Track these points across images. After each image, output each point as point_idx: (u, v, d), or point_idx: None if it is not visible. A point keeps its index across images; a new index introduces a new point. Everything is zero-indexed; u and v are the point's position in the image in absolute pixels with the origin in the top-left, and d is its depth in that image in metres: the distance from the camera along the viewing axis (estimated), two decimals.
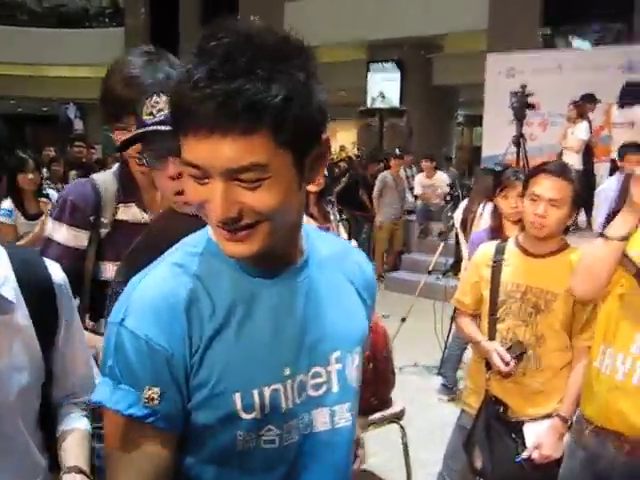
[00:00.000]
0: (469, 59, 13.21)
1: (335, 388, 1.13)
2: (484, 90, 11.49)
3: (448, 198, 6.88)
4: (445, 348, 5.61)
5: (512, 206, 3.24)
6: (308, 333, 1.10)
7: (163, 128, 1.47)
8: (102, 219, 1.87)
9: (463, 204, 5.04)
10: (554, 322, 2.42)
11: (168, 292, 1.02)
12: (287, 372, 1.07)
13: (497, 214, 3.31)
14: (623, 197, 2.01)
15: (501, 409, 2.46)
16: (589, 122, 8.31)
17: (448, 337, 5.60)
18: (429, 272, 6.44)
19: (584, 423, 2.17)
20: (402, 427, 3.74)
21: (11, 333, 1.31)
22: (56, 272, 1.42)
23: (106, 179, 1.93)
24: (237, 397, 1.03)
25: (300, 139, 0.96)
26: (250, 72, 0.89)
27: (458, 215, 5.03)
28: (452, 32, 14.41)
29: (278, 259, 1.08)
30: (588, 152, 8.30)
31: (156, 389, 0.99)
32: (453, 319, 5.63)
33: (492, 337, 2.49)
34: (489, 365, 2.49)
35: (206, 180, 0.95)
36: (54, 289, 1.39)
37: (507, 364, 2.40)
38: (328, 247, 1.21)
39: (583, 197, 2.51)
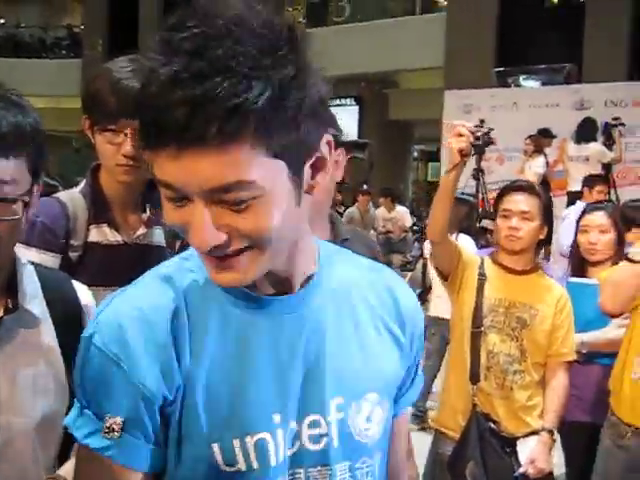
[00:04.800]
0: (424, 95, 13.50)
1: (335, 443, 0.94)
2: (440, 126, 11.72)
3: (415, 229, 6.97)
4: None
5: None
6: (306, 375, 0.92)
7: None
8: (73, 242, 1.74)
9: None
10: (538, 337, 2.51)
11: (151, 307, 0.87)
12: (277, 419, 0.90)
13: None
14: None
15: (492, 424, 2.49)
16: (545, 156, 8.56)
17: None
18: None
19: (623, 427, 2.32)
20: None
21: (36, 352, 1.25)
22: (83, 294, 1.38)
23: (74, 198, 1.79)
24: (216, 447, 0.87)
25: (295, 146, 0.80)
26: (226, 69, 0.73)
27: (428, 245, 5.07)
28: (408, 69, 14.74)
29: (275, 285, 0.92)
30: (545, 186, 8.51)
31: (118, 419, 0.85)
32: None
33: (476, 349, 2.52)
34: (474, 380, 2.52)
35: (184, 202, 0.80)
36: (80, 310, 1.34)
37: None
38: (350, 271, 1.02)
39: (550, 211, 2.64)
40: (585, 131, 7.91)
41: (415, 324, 1.06)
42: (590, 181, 6.02)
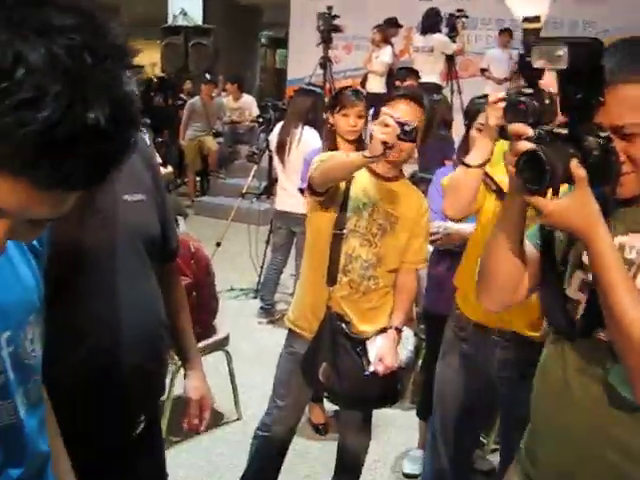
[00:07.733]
0: None
1: (11, 375, 0.96)
2: (288, 11, 11.37)
3: (260, 120, 6.75)
4: (261, 271, 5.64)
5: (351, 124, 3.22)
6: None
7: None
8: None
9: (278, 127, 4.96)
10: (395, 244, 2.52)
11: None
12: None
13: (331, 133, 3.25)
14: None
15: (344, 325, 2.50)
16: (392, 46, 8.54)
17: (264, 260, 5.63)
18: (242, 195, 6.37)
19: (464, 321, 2.43)
20: (228, 353, 3.72)
21: None
22: None
23: None
24: None
25: None
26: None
27: (273, 138, 4.96)
28: None
29: None
30: (390, 76, 8.55)
31: None
32: (267, 242, 5.67)
33: (336, 252, 2.49)
34: (330, 281, 2.50)
35: None
36: None
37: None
38: None
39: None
40: (430, 22, 7.91)
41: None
42: (402, 74, 6.02)
